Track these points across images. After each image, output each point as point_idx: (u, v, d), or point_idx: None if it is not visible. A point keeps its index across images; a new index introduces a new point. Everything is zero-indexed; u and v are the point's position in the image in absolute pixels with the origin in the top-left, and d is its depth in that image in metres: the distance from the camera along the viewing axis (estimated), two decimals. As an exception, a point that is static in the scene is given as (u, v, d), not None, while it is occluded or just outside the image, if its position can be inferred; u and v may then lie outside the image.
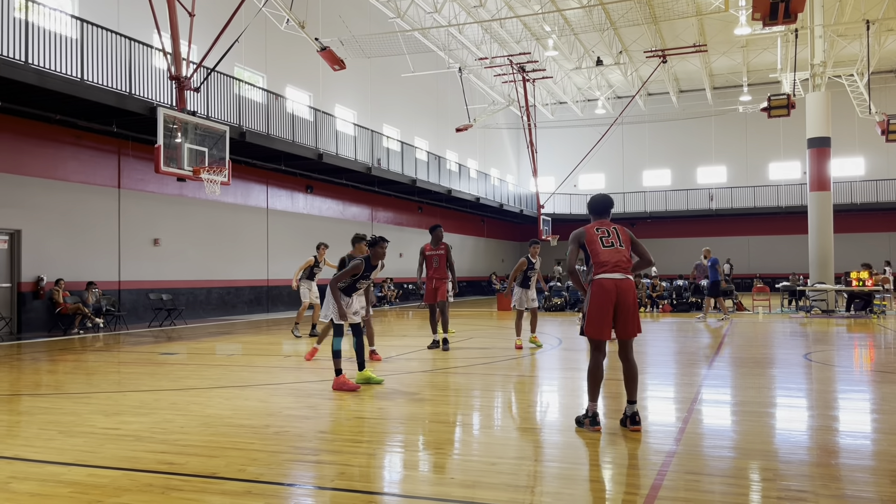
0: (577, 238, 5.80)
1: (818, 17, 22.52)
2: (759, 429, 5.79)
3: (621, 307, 5.56)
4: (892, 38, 31.28)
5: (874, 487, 4.18)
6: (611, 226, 5.80)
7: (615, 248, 5.64)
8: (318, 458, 4.88)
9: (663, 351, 11.76)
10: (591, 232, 5.73)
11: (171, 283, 18.86)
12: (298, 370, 9.30)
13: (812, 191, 22.54)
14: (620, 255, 5.62)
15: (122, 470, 4.56)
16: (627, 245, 5.73)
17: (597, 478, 4.49)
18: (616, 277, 5.55)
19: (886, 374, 8.58)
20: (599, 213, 5.91)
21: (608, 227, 5.78)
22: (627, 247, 5.72)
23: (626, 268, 5.61)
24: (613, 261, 5.58)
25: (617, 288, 5.54)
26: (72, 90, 14.14)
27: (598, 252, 5.64)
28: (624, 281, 5.56)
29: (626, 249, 5.70)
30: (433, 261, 11.42)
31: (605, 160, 42.36)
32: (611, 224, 5.83)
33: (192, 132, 14.50)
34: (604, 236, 5.70)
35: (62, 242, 16.21)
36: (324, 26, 23.79)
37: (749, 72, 38.00)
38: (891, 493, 4.04)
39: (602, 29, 30.47)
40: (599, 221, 5.86)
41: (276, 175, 22.99)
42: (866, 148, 38.15)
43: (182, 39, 14.46)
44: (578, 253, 5.84)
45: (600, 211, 5.91)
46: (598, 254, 5.64)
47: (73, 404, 6.89)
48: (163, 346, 12.63)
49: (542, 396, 7.64)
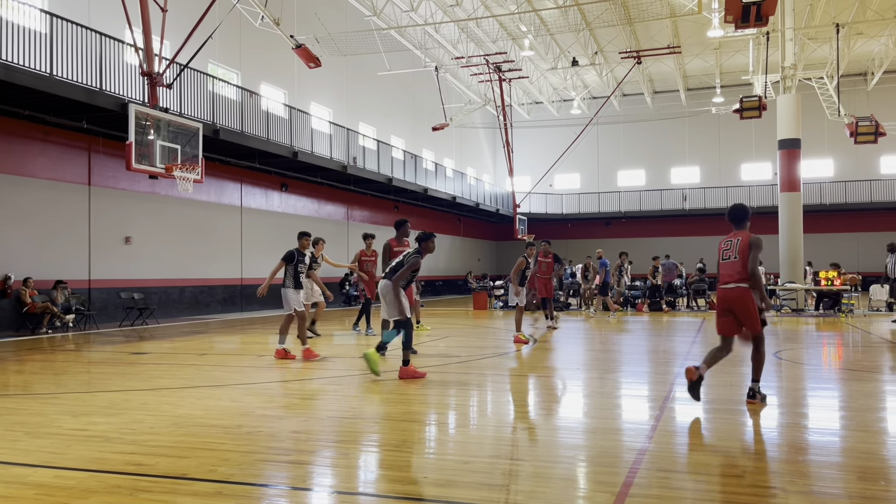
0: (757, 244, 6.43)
1: (789, 20, 22.85)
2: (729, 426, 5.86)
3: (735, 312, 6.36)
4: (862, 41, 31.86)
5: (842, 483, 4.25)
6: (736, 237, 6.42)
7: (730, 260, 6.38)
8: (291, 459, 4.84)
9: (636, 350, 11.86)
10: (720, 245, 6.60)
11: (143, 282, 18.61)
12: (272, 370, 9.22)
13: (783, 191, 22.87)
14: (733, 267, 6.34)
15: (90, 471, 4.48)
16: (742, 255, 6.29)
17: (570, 475, 4.51)
18: (727, 287, 6.38)
19: (854, 372, 8.73)
20: (733, 222, 6.59)
21: (734, 238, 6.44)
22: (742, 257, 6.29)
23: (737, 279, 6.29)
24: (726, 273, 6.42)
25: (726, 296, 6.39)
26: (41, 85, 13.87)
27: (718, 264, 6.58)
28: (733, 290, 6.34)
29: (740, 260, 6.29)
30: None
31: (581, 160, 42.62)
32: (737, 234, 6.43)
33: (165, 129, 14.31)
34: (725, 249, 6.47)
35: (30, 240, 15.91)
36: (299, 23, 23.63)
37: (722, 74, 38.46)
38: (858, 489, 4.11)
39: (578, 29, 30.65)
40: (732, 233, 6.53)
41: (250, 173, 22.79)
42: (835, 150, 38.82)
43: (154, 35, 14.27)
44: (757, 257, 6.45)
45: (733, 220, 6.58)
46: (718, 266, 6.58)
47: (41, 405, 6.76)
48: (134, 346, 12.45)
49: (517, 395, 7.66)
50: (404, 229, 11.49)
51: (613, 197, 42.71)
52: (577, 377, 8.77)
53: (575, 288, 24.99)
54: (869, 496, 3.98)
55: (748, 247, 6.26)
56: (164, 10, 14.83)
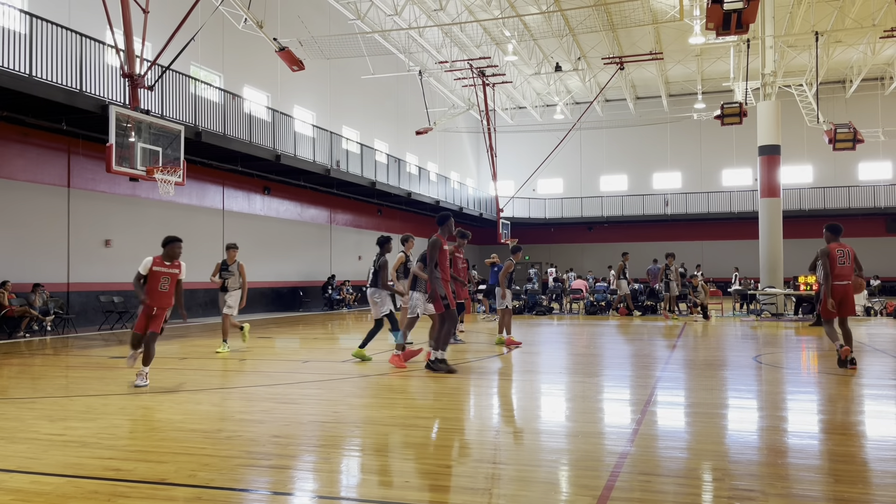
0: (825, 254, 9.11)
1: (769, 28, 23.14)
2: (710, 430, 5.89)
3: (845, 300, 9.06)
4: (841, 49, 32.31)
5: (820, 486, 4.29)
6: (845, 247, 9.15)
7: (846, 265, 9.07)
8: (271, 463, 4.80)
9: (618, 353, 11.91)
10: (833, 252, 9.07)
11: (122, 286, 18.40)
12: (253, 374, 9.16)
13: (763, 197, 23.12)
14: (848, 269, 9.08)
15: (67, 477, 4.42)
16: (852, 261, 9.14)
17: (552, 479, 4.51)
18: (844, 283, 9.05)
19: (832, 376, 8.83)
20: (836, 235, 9.26)
21: (844, 248, 9.13)
22: (852, 262, 9.12)
23: (850, 277, 9.09)
24: (844, 274, 9.05)
25: (844, 290, 9.05)
26: (19, 86, 13.70)
27: (835, 267, 9.05)
28: (848, 286, 9.05)
29: (851, 265, 9.10)
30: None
31: (564, 165, 42.83)
32: (845, 245, 9.18)
33: (146, 131, 14.19)
34: (841, 257, 9.06)
35: (8, 243, 15.71)
36: (282, 26, 23.55)
37: (703, 80, 38.84)
38: (835, 492, 4.15)
39: (561, 35, 30.83)
40: (837, 243, 9.17)
41: (232, 176, 22.65)
42: (814, 156, 39.31)
43: (136, 36, 14.15)
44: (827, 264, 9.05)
45: (836, 234, 9.27)
46: (836, 268, 9.05)
47: (17, 409, 6.66)
48: (113, 350, 12.31)
49: (499, 399, 7.66)
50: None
51: (596, 202, 42.94)
52: (560, 381, 8.80)
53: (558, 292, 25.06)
54: (846, 499, 4.02)
55: (855, 255, 9.21)
56: (146, 11, 14.73)
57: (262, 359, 11.05)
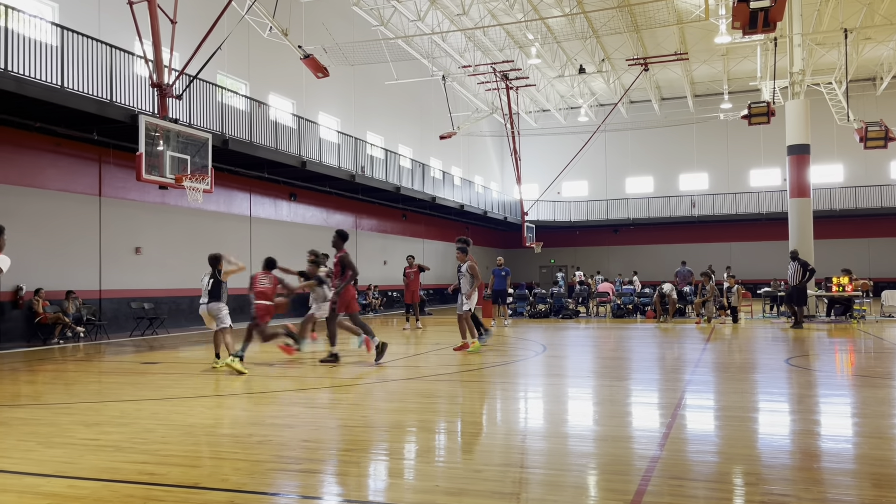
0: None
1: (797, 25, 22.81)
2: (741, 433, 5.82)
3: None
4: (870, 46, 31.76)
5: (856, 491, 4.22)
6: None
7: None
8: (301, 467, 4.84)
9: (646, 356, 11.81)
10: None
11: (152, 292, 18.68)
12: (281, 379, 9.23)
13: (792, 197, 22.76)
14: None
15: (102, 481, 4.50)
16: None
17: (581, 484, 4.49)
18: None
19: (867, 379, 8.67)
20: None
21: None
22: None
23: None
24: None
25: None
26: (52, 97, 14.00)
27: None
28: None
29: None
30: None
31: (588, 167, 42.60)
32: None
33: (174, 140, 14.40)
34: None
35: (42, 251, 16.01)
36: (307, 34, 23.76)
37: (729, 80, 38.41)
38: (872, 497, 4.07)
39: (584, 37, 30.70)
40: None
41: (259, 183, 22.88)
42: (845, 155, 38.64)
43: (164, 47, 14.37)
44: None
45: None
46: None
47: (53, 415, 6.79)
48: (144, 356, 12.50)
49: (527, 403, 7.63)
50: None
51: (622, 204, 42.64)
52: (588, 384, 8.75)
53: (584, 296, 24.90)
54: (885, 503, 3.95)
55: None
56: (174, 21, 14.95)
57: (288, 364, 11.14)
